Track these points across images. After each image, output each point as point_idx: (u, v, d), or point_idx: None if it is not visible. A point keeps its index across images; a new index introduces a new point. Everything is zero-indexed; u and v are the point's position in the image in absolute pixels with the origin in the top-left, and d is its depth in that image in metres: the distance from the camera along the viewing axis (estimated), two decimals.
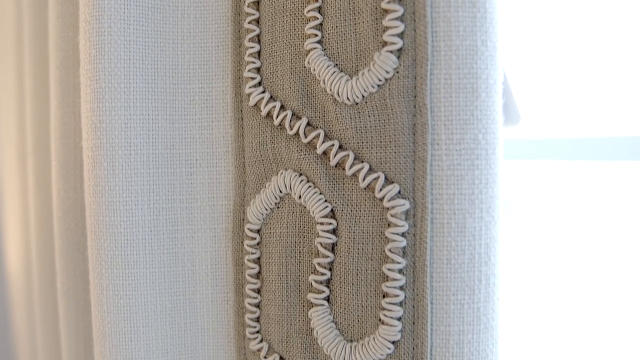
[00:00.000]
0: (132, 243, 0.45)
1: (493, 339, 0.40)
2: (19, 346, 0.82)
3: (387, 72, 0.38)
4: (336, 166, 0.41)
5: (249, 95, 0.44)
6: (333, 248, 0.41)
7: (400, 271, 0.39)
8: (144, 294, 0.46)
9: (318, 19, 0.41)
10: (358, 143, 0.40)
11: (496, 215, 0.39)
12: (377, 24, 0.39)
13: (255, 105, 0.44)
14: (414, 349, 0.40)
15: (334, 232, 0.41)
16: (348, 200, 0.41)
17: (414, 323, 0.40)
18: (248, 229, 0.45)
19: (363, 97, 0.39)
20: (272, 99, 0.43)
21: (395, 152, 0.39)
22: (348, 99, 0.40)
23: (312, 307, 0.42)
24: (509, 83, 0.82)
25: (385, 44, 0.38)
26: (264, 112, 0.43)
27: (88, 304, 0.55)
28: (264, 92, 0.44)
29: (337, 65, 0.40)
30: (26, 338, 0.78)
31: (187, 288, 0.47)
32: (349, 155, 0.40)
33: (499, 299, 0.40)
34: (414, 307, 0.39)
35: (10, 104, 0.76)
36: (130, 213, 0.45)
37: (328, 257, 0.41)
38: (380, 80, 0.39)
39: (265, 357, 0.45)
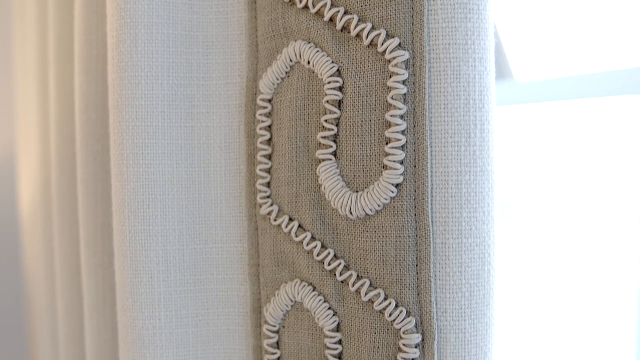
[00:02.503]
0: (152, 115, 0.49)
1: (489, 182, 0.43)
2: (35, 239, 0.85)
3: None
4: (342, 30, 0.45)
5: None
6: (339, 105, 0.45)
7: (402, 117, 0.43)
8: (162, 163, 0.49)
9: None
10: (361, 6, 0.44)
11: (488, 66, 0.43)
12: None
13: None
14: (415, 190, 0.43)
15: (340, 89, 0.45)
16: (353, 58, 0.44)
17: (415, 166, 0.43)
18: (260, 100, 0.49)
19: None
20: None
21: (395, 9, 0.43)
22: None
23: (320, 163, 0.46)
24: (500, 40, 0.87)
25: None
26: None
27: (106, 193, 0.58)
28: None
29: None
30: (42, 228, 0.81)
31: (201, 160, 0.50)
32: (353, 18, 0.44)
33: (494, 147, 0.44)
34: (414, 150, 0.43)
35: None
36: (151, 87, 0.48)
37: (335, 113, 0.45)
38: None
39: (275, 220, 0.48)
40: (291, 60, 0.47)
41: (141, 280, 0.49)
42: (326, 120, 0.45)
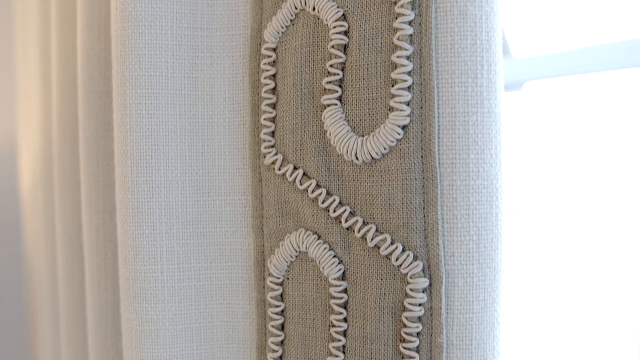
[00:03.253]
0: (155, 65, 0.48)
1: (496, 124, 0.43)
2: (37, 201, 0.84)
3: None
4: None
5: None
6: (345, 50, 0.45)
7: (408, 57, 0.42)
8: (165, 113, 0.48)
9: None
10: None
11: (495, 7, 0.43)
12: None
13: None
14: (421, 132, 0.43)
15: (346, 33, 0.44)
16: (358, 2, 0.44)
17: (421, 107, 0.43)
18: (264, 49, 0.48)
19: None
20: None
21: None
22: None
23: (325, 108, 0.45)
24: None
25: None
26: None
27: (108, 151, 0.58)
28: None
29: None
30: (43, 188, 0.80)
31: (205, 111, 0.50)
32: None
33: (500, 90, 0.43)
34: (421, 91, 0.42)
35: None
36: (154, 37, 0.48)
37: (340, 57, 0.45)
38: None
39: (279, 169, 0.47)
40: (296, 8, 0.47)
41: (143, 232, 0.48)
42: (331, 65, 0.45)
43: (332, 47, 0.45)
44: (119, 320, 0.59)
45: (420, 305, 0.43)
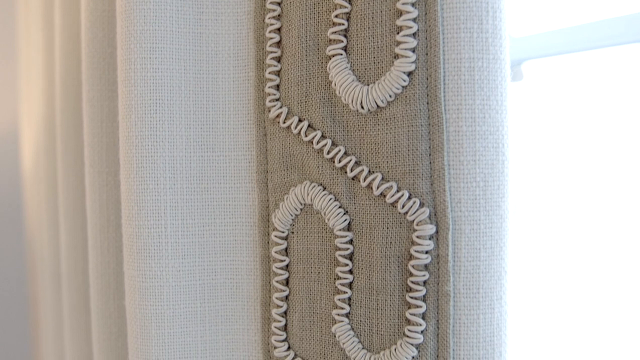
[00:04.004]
0: (160, 19, 0.48)
1: (502, 71, 0.43)
2: (40, 166, 0.84)
3: None
4: None
5: None
6: (350, 0, 0.45)
7: (413, 4, 0.42)
8: (170, 68, 0.48)
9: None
10: None
11: None
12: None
13: None
14: (427, 78, 0.42)
15: None
16: None
17: (427, 53, 0.42)
18: (269, 3, 0.48)
19: None
20: None
21: None
22: None
23: (330, 59, 0.45)
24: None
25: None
26: None
27: (112, 112, 0.58)
28: None
29: None
30: (46, 149, 0.80)
31: (210, 67, 0.49)
32: None
33: (506, 37, 0.43)
34: (426, 38, 0.42)
35: None
36: None
37: (345, 7, 0.44)
38: None
39: (284, 121, 0.47)
40: None
41: (147, 187, 0.48)
42: (336, 16, 0.45)
43: None
44: (121, 282, 0.58)
45: (427, 252, 0.43)
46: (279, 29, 0.48)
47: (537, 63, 0.84)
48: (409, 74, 0.43)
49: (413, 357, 0.43)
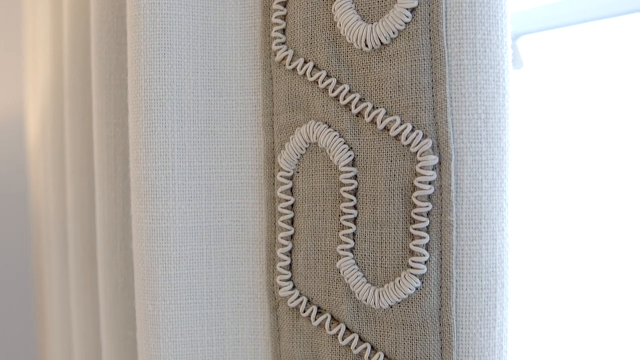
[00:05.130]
0: None
1: (502, 7, 0.44)
2: (47, 120, 0.84)
3: None
4: None
5: None
6: None
7: None
8: (178, 13, 0.50)
9: None
10: None
11: None
12: None
13: None
14: (429, 14, 0.43)
15: None
16: None
17: None
18: None
19: None
20: None
21: None
22: None
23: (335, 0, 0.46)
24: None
25: None
26: None
27: (120, 65, 0.59)
28: None
29: None
30: (52, 103, 0.80)
31: (217, 12, 0.51)
32: None
33: None
34: None
35: None
36: None
37: None
38: None
39: (290, 64, 0.48)
40: None
41: (155, 129, 0.49)
42: None
43: None
44: (128, 233, 0.59)
45: (430, 183, 0.43)
46: None
47: (533, 38, 0.85)
48: (412, 10, 0.44)
49: (417, 288, 0.44)
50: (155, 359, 0.50)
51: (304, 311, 0.48)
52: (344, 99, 0.46)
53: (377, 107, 0.45)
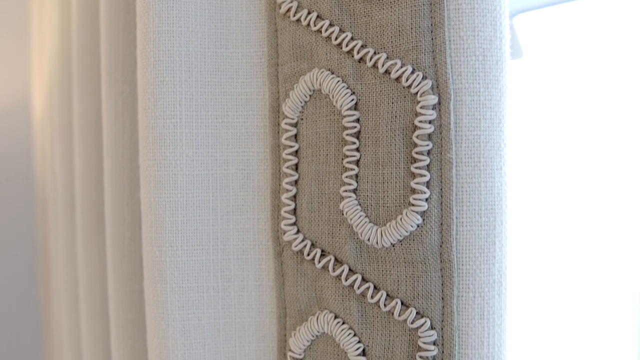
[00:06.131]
0: None
1: None
2: (54, 81, 0.85)
3: None
4: None
5: None
6: None
7: None
8: None
9: None
10: None
11: None
12: None
13: None
14: None
15: None
16: None
17: None
18: None
19: None
20: None
21: None
22: None
23: None
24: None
25: None
26: None
27: (128, 24, 0.60)
28: None
29: None
30: (60, 62, 0.82)
31: None
32: None
33: None
34: None
35: None
36: None
37: None
38: None
39: (294, 15, 0.50)
40: None
41: (163, 79, 0.50)
42: None
43: None
44: (135, 188, 0.60)
45: (430, 122, 0.45)
46: None
47: (529, 16, 0.87)
48: None
49: (418, 225, 0.45)
50: (162, 305, 0.51)
51: (308, 254, 0.49)
52: (347, 45, 0.47)
53: (378, 52, 0.47)
